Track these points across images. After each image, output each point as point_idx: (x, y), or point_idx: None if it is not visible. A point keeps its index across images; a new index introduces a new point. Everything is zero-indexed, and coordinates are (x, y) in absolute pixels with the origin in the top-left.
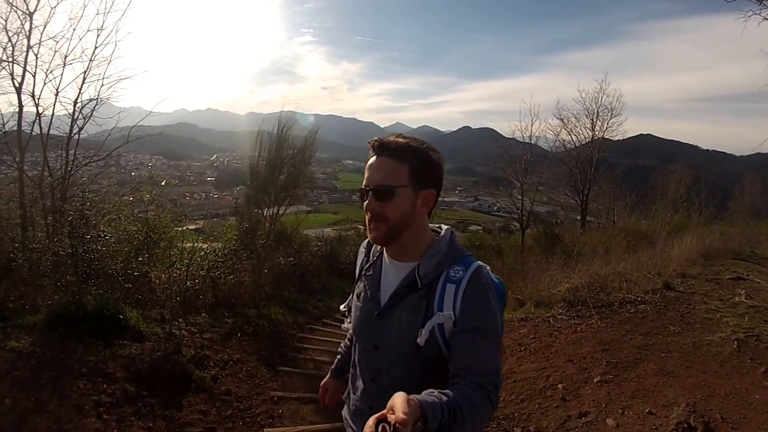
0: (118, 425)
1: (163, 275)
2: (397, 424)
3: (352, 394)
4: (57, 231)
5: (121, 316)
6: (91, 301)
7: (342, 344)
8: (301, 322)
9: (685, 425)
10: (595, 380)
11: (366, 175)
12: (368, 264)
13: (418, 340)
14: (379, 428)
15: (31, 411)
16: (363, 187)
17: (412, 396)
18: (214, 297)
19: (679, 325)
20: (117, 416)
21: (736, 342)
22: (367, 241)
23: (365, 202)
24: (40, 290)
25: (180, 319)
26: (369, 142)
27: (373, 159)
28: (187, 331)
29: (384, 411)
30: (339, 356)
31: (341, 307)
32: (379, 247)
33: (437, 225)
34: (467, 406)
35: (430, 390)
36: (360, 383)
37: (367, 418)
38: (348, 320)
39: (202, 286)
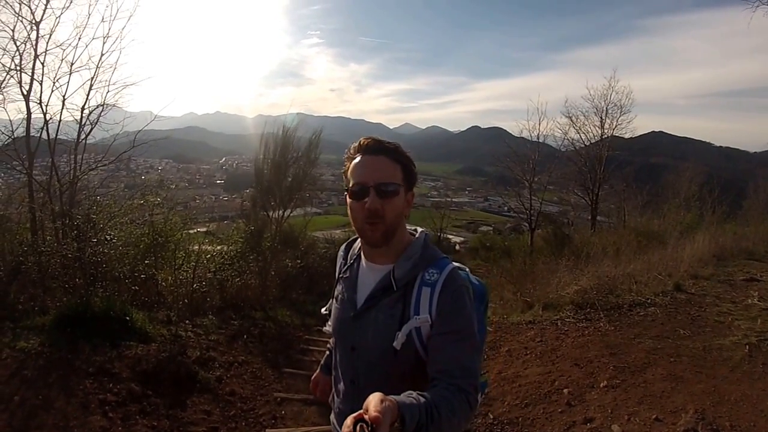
0: (123, 423)
1: (170, 278)
2: (371, 423)
3: (336, 397)
4: (65, 234)
5: (127, 318)
6: (98, 303)
7: (331, 340)
8: (308, 325)
9: None
10: (601, 385)
11: (359, 172)
12: (346, 267)
13: (395, 344)
14: (357, 428)
15: (38, 408)
16: (359, 184)
17: (391, 397)
18: (221, 299)
19: (689, 329)
20: (122, 414)
21: (747, 346)
22: (345, 244)
23: (364, 200)
24: (48, 292)
25: (186, 321)
26: (360, 141)
27: (368, 157)
28: (193, 333)
29: (361, 411)
30: (327, 352)
31: (322, 310)
32: (357, 249)
33: (413, 228)
34: (445, 408)
35: (409, 392)
36: (342, 386)
37: None
38: (329, 323)
39: (209, 289)
